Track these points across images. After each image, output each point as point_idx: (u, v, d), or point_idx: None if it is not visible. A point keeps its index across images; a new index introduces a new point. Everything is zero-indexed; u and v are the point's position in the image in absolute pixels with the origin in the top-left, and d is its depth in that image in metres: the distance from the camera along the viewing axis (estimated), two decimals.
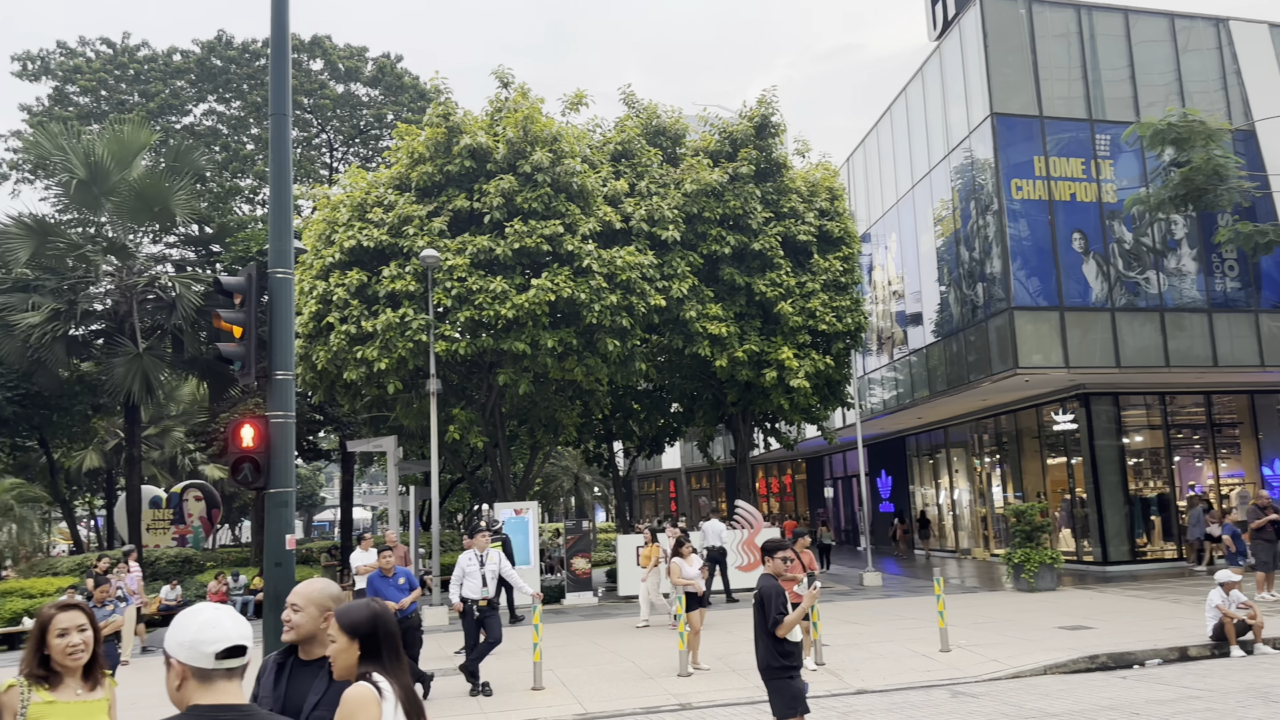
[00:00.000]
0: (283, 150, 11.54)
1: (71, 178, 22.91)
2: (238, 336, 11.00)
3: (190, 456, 43.64)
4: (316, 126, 32.53)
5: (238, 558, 27.41)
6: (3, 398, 24.39)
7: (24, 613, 19.18)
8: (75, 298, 23.63)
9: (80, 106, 30.81)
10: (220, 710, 2.39)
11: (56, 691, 3.59)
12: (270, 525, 11.08)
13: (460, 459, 25.18)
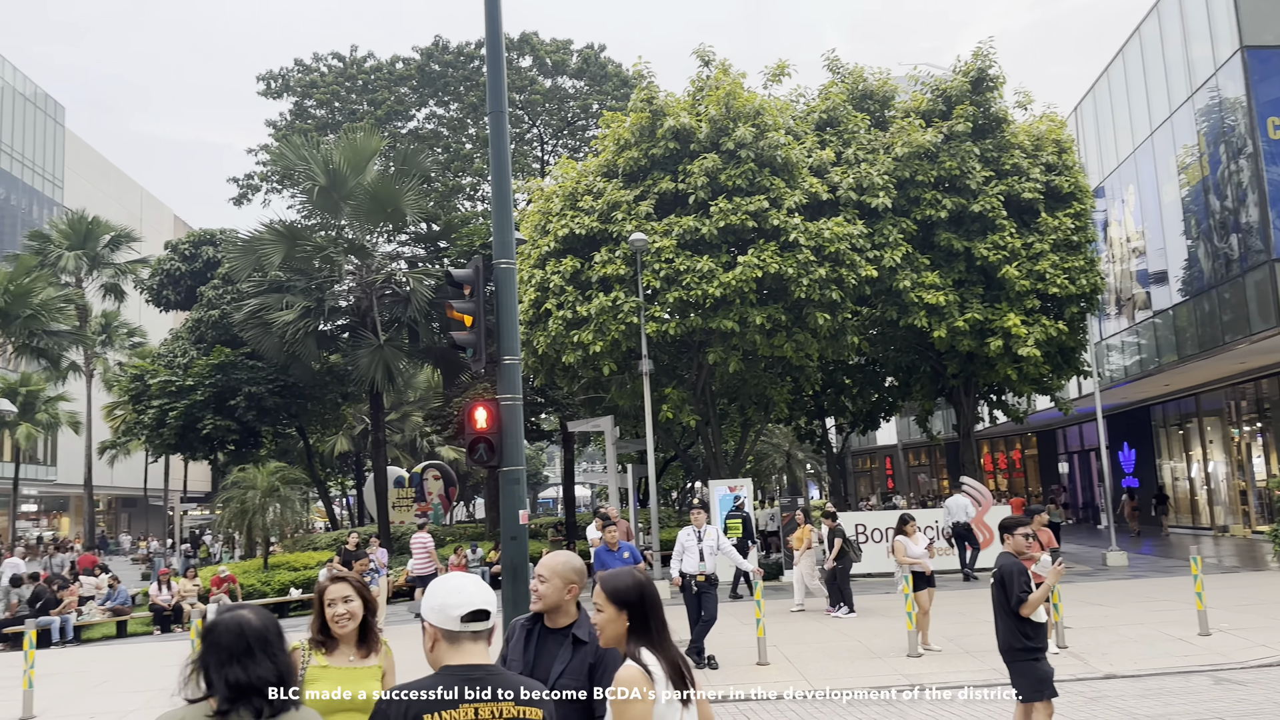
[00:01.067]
0: (502, 146, 12.07)
1: (313, 185, 24.95)
2: (468, 325, 11.64)
3: (428, 439, 46.83)
4: (528, 122, 33.81)
5: (473, 532, 29.19)
6: (264, 389, 27.03)
7: (291, 584, 21.26)
8: (322, 296, 25.82)
9: (317, 119, 33.50)
10: (468, 669, 2.60)
11: (331, 656, 3.81)
12: (504, 502, 11.70)
13: (673, 437, 25.57)
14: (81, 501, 54.32)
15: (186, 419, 26.64)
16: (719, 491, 19.21)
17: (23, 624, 16.86)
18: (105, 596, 19.73)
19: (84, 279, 37.50)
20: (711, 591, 11.13)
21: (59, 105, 55.57)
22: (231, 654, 2.50)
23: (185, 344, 30.45)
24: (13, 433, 37.19)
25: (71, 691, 12.01)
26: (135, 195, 65.71)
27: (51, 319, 31.15)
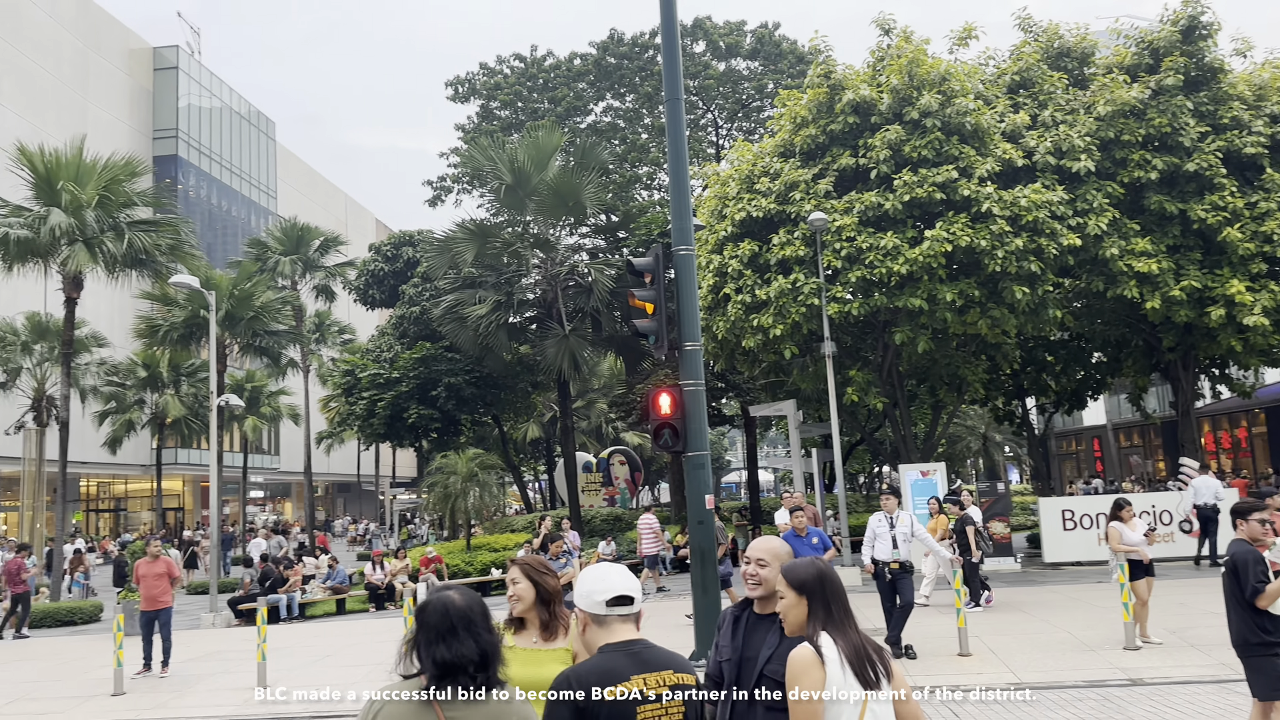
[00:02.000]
0: (678, 133, 12.10)
1: (500, 184, 25.90)
2: (649, 313, 11.75)
3: (613, 425, 47.89)
4: (702, 108, 33.81)
5: (659, 516, 29.60)
6: (462, 380, 28.39)
7: (492, 564, 22.25)
8: (511, 289, 26.81)
9: (502, 119, 34.76)
10: (628, 644, 2.82)
11: (518, 637, 3.92)
12: (690, 486, 11.77)
13: (858, 421, 24.96)
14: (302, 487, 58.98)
15: (393, 409, 28.37)
16: (910, 476, 18.59)
17: (255, 601, 18.50)
18: (326, 576, 21.31)
19: (298, 282, 40.54)
20: (907, 578, 10.79)
21: (271, 122, 60.24)
22: (438, 633, 2.63)
23: (390, 339, 32.42)
24: (241, 425, 40.80)
25: (299, 664, 13.03)
26: (340, 202, 70.42)
27: (271, 320, 33.80)
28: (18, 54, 39.58)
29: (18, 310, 31.60)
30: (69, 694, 11.87)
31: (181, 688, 11.84)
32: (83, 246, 22.39)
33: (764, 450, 60.00)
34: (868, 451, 36.61)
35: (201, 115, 51.96)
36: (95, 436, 37.31)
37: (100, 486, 47.99)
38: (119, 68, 47.12)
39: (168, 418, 35.65)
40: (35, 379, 30.48)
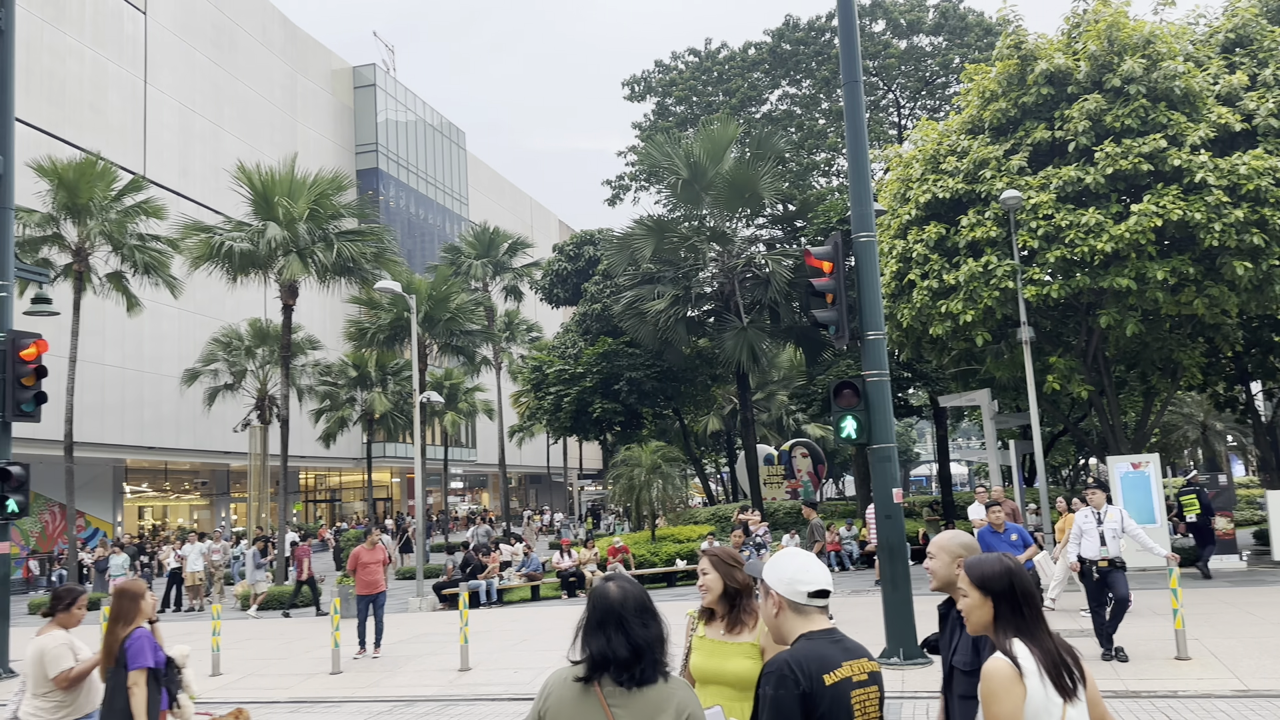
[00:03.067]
0: (857, 117, 11.81)
1: (676, 179, 26.12)
2: (829, 302, 11.54)
3: (793, 417, 47.36)
4: (883, 88, 32.86)
5: (844, 510, 29.06)
6: (643, 374, 28.85)
7: (676, 555, 22.51)
8: (689, 283, 27.00)
9: (677, 115, 35.02)
10: (829, 633, 2.83)
11: (709, 628, 3.95)
12: (876, 480, 11.49)
13: (1060, 410, 23.58)
14: (497, 479, 61.64)
15: (579, 404, 29.20)
16: (1119, 468, 17.39)
17: (457, 587, 19.49)
18: (521, 563, 22.21)
19: (489, 283, 42.41)
20: (1119, 574, 10.12)
21: (461, 131, 63.19)
22: (594, 624, 2.74)
23: (574, 336, 33.39)
24: (441, 420, 43.08)
25: (498, 647, 13.65)
26: (526, 205, 73.02)
27: (466, 320, 35.57)
28: (236, 82, 43.32)
29: (241, 317, 34.61)
30: (292, 671, 12.93)
31: (392, 668, 12.65)
32: (296, 257, 24.26)
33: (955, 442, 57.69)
34: (1072, 443, 34.53)
35: (398, 129, 55.18)
36: (312, 432, 40.38)
37: (317, 478, 51.91)
38: (323, 88, 50.72)
39: (376, 414, 38.11)
40: (259, 380, 33.31)
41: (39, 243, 24.72)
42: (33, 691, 5.54)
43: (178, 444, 37.69)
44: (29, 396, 14.07)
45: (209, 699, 11.41)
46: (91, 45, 34.91)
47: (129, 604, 5.41)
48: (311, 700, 10.99)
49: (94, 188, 24.67)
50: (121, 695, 5.23)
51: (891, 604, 10.83)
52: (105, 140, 32.89)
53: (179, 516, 42.26)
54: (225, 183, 33.63)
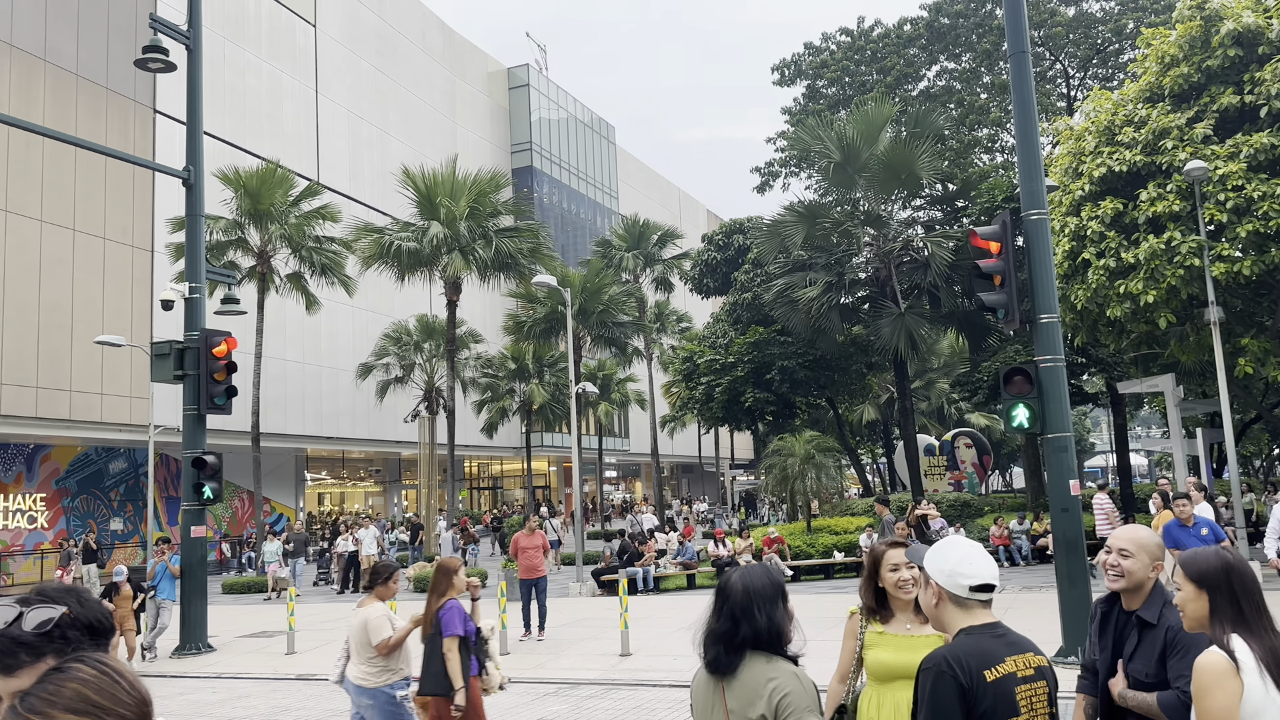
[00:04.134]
0: (1025, 90, 11.23)
1: (828, 162, 25.61)
2: (998, 285, 11.03)
3: (955, 406, 45.72)
4: (1049, 59, 31.18)
5: (1012, 503, 27.84)
6: (795, 363, 28.47)
7: (833, 546, 22.14)
8: (842, 270, 26.44)
9: (828, 98, 34.31)
10: (992, 627, 2.71)
11: (888, 624, 3.84)
12: (1051, 471, 10.93)
13: (1253, 395, 21.81)
14: (650, 468, 62.30)
15: (730, 393, 29.11)
16: None
17: (615, 573, 19.80)
18: (676, 552, 22.35)
19: (640, 275, 42.84)
20: None
21: (611, 126, 64.02)
22: (713, 610, 2.87)
23: (724, 325, 33.29)
24: (595, 410, 43.90)
25: (657, 634, 13.78)
26: (674, 196, 73.32)
27: (618, 312, 36.06)
28: (400, 89, 45.32)
29: (409, 314, 36.24)
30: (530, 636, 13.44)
31: (556, 650, 12.99)
32: (458, 254, 25.19)
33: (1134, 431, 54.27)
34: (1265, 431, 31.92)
35: (550, 127, 56.43)
36: (475, 422, 41.90)
37: (480, 467, 53.88)
38: (480, 91, 52.41)
39: (534, 405, 39.20)
40: (426, 373, 34.82)
41: (225, 247, 26.62)
42: (357, 657, 6.27)
43: (353, 434, 39.85)
44: (221, 390, 15.16)
45: None
46: (268, 59, 37.25)
47: (442, 578, 6.15)
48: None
49: (274, 194, 26.36)
50: (437, 659, 5.96)
51: (1068, 601, 10.30)
52: (282, 149, 35.05)
53: (354, 502, 44.76)
54: (392, 186, 35.22)
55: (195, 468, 14.68)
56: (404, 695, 6.27)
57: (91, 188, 28.77)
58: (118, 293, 29.37)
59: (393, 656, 6.22)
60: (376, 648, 6.14)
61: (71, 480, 30.25)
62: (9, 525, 27.72)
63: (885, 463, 45.35)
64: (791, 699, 2.71)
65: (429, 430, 33.68)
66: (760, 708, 2.72)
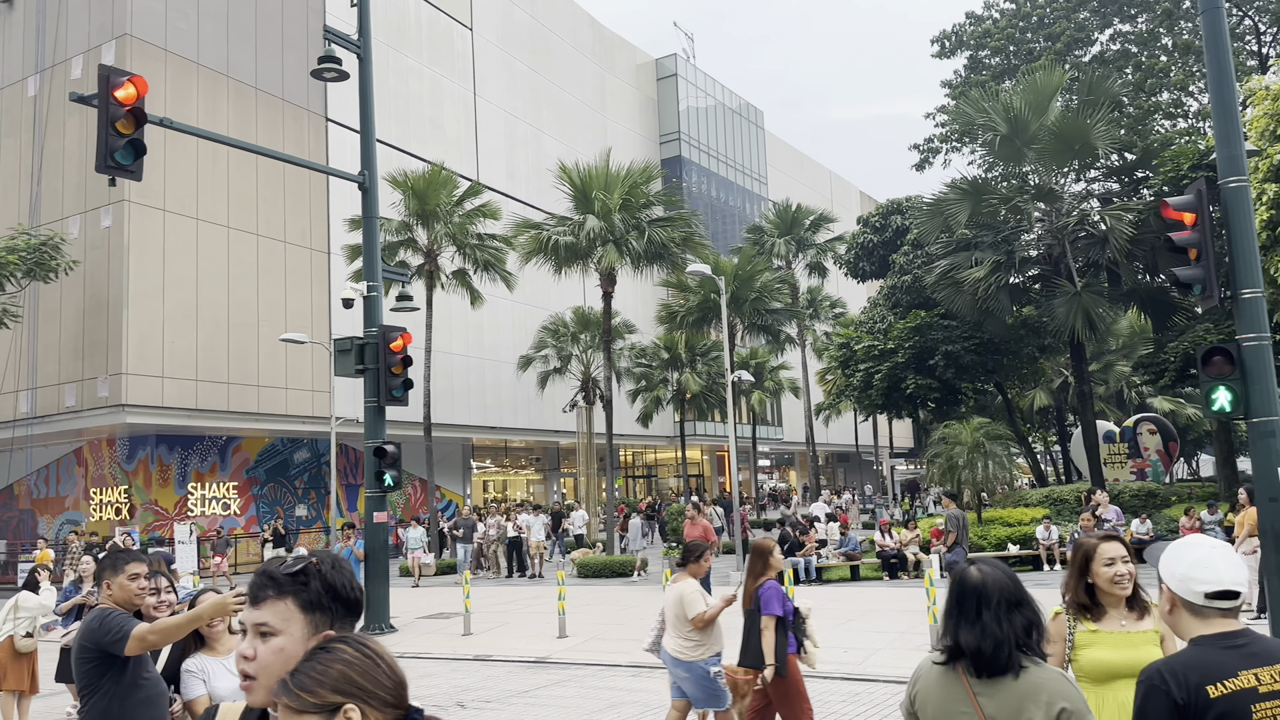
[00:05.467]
0: (1220, 47, 10.38)
1: (994, 136, 24.47)
2: (1193, 259, 10.26)
3: (1136, 390, 42.99)
4: (1237, 14, 28.77)
5: (1201, 493, 25.93)
6: (960, 347, 27.40)
7: (1007, 539, 21.22)
8: (1011, 248, 25.23)
9: (992, 68, 32.81)
10: (1229, 637, 2.46)
11: (1100, 621, 3.62)
12: (1255, 458, 10.11)
13: None
14: (804, 457, 61.50)
15: (890, 380, 28.32)
16: None
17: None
18: (839, 543, 21.96)
19: (792, 261, 42.29)
20: None
21: (759, 111, 63.37)
22: (952, 609, 2.66)
23: (882, 310, 32.42)
24: (748, 399, 43.64)
25: (824, 625, 13.48)
26: (825, 179, 71.95)
27: (771, 299, 35.69)
28: (553, 86, 46.28)
29: (565, 306, 37.01)
30: (630, 637, 13.60)
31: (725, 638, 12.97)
32: (613, 246, 25.50)
33: None
34: None
35: (698, 115, 56.39)
36: (630, 412, 42.44)
37: (634, 455, 54.56)
38: (629, 83, 52.89)
39: (687, 394, 39.34)
40: (582, 364, 35.50)
41: (395, 247, 27.89)
42: (672, 630, 6.66)
43: (515, 424, 41.11)
44: (398, 383, 15.88)
45: (557, 660, 12.33)
46: (429, 64, 38.74)
47: (759, 559, 6.40)
48: (652, 666, 11.51)
49: (438, 195, 27.42)
50: (756, 635, 6.22)
51: (1277, 596, 9.50)
52: (444, 151, 36.40)
53: (517, 490, 46.19)
54: (547, 182, 36.02)
55: (377, 456, 15.45)
56: (717, 671, 6.54)
57: (272, 194, 30.70)
58: (298, 292, 31.27)
59: (706, 632, 6.52)
60: (692, 621, 6.47)
61: (260, 469, 32.47)
62: (206, 512, 30.02)
63: (1059, 450, 43.16)
64: (1074, 714, 2.50)
65: (586, 420, 34.33)
66: (1038, 717, 2.51)
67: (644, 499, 48.51)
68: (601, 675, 11.30)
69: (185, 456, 29.87)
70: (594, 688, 10.59)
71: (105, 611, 4.03)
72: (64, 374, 27.27)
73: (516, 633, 14.67)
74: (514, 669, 12.00)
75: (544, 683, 11.02)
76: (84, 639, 4.00)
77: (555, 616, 14.01)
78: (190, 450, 30.02)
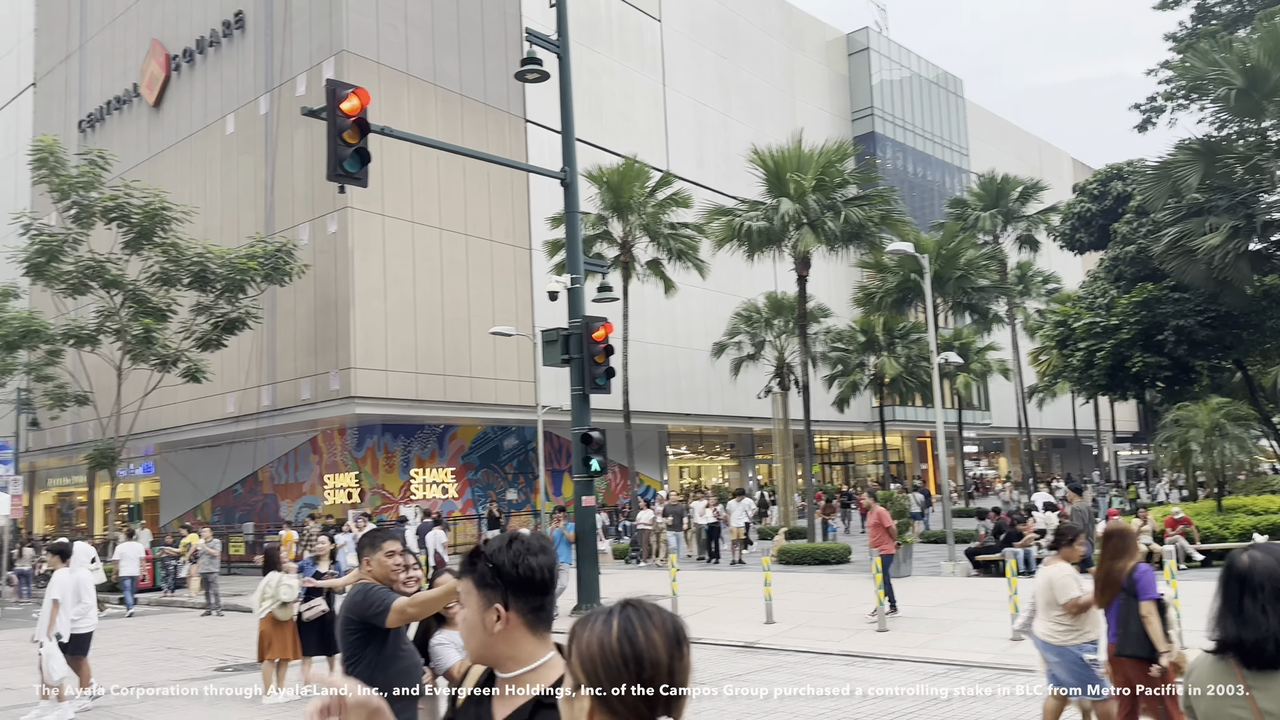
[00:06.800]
0: None
1: (1228, 90, 22.26)
2: None
3: None
4: None
5: None
6: (1193, 322, 25.18)
7: (1253, 528, 19.36)
8: (1251, 211, 22.90)
9: (1222, 16, 29.90)
10: None
11: None
12: None
13: None
14: (1015, 442, 58.48)
15: (1114, 359, 26.43)
16: None
17: (990, 553, 18.79)
18: None
19: (999, 235, 40.19)
20: None
21: (958, 80, 60.53)
22: (1221, 597, 2.47)
23: (1104, 284, 30.23)
24: (953, 382, 41.88)
25: None
26: (1033, 147, 67.92)
27: (978, 276, 34.10)
28: (740, 71, 46.00)
29: (756, 292, 36.77)
30: (838, 625, 13.40)
31: (938, 631, 12.54)
32: (808, 228, 25.10)
33: None
34: None
35: (892, 89, 54.53)
36: (825, 397, 41.70)
37: (830, 442, 53.60)
38: (818, 61, 51.81)
39: (885, 378, 38.23)
40: (776, 349, 35.19)
41: (591, 240, 28.61)
42: (1043, 614, 6.65)
43: (709, 410, 41.32)
44: (601, 372, 16.28)
45: (766, 645, 12.30)
46: (619, 59, 39.41)
47: (1123, 540, 6.22)
48: (864, 655, 11.30)
49: (632, 187, 27.89)
50: (1135, 621, 5.91)
51: None
52: (635, 144, 36.96)
53: (711, 476, 46.46)
54: (736, 168, 35.88)
55: (583, 443, 15.91)
56: (1092, 659, 6.40)
57: (477, 196, 32.18)
58: (503, 287, 32.67)
59: (1080, 617, 6.40)
60: (1065, 606, 6.38)
61: (474, 456, 34.22)
62: (427, 495, 31.93)
63: None
64: None
65: (781, 406, 34.04)
66: None
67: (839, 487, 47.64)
68: (814, 662, 11.18)
69: (408, 444, 31.89)
70: (806, 674, 10.48)
71: (367, 586, 4.34)
72: (299, 369, 29.72)
73: (723, 617, 14.75)
74: (724, 653, 12.07)
75: (755, 668, 11.02)
76: (348, 611, 4.31)
77: (761, 602, 13.99)
78: (412, 438, 32.02)
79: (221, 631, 17.21)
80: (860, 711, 8.75)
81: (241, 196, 32.31)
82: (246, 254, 27.16)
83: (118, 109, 38.11)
